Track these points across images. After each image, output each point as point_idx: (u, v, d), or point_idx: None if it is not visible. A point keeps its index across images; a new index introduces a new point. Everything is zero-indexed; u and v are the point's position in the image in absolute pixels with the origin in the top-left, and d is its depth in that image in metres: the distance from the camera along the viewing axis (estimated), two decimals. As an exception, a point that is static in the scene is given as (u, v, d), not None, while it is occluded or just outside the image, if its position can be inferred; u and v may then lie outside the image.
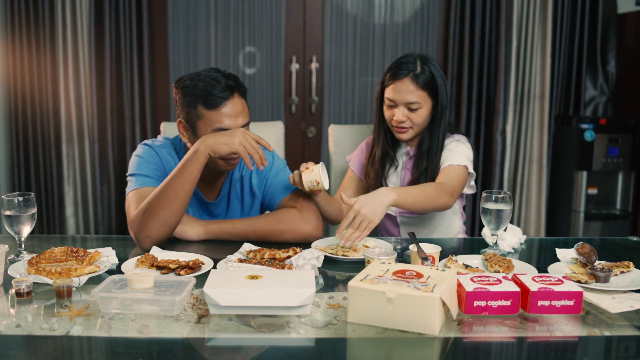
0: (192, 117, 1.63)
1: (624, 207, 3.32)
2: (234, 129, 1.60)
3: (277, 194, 1.79)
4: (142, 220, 1.56)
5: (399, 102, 1.87)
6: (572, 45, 3.35)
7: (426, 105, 1.87)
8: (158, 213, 1.55)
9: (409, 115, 1.87)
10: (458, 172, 1.84)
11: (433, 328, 1.07)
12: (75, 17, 3.06)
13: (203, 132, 1.62)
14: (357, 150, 2.14)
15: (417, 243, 1.45)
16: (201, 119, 1.62)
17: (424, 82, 1.85)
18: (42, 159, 3.15)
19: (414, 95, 1.85)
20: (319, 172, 1.60)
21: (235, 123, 1.62)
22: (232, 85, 1.62)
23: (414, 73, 1.85)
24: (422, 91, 1.85)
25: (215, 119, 1.61)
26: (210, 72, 1.64)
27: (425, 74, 1.85)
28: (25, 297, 1.22)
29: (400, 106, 1.87)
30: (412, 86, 1.84)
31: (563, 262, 1.49)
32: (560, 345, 1.08)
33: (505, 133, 3.31)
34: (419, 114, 1.87)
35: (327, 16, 3.38)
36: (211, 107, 1.60)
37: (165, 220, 1.56)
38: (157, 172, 1.71)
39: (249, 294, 1.13)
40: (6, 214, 1.46)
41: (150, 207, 1.55)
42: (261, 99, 3.43)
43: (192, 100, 1.62)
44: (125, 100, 3.16)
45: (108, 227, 3.25)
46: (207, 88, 1.60)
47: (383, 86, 1.93)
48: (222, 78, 1.62)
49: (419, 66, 1.86)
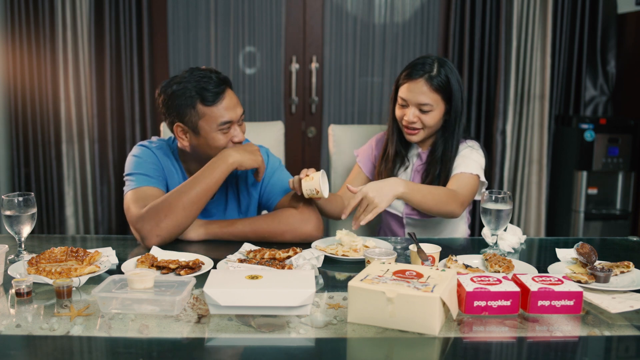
0: (191, 118, 1.63)
1: (624, 207, 3.32)
2: (250, 144, 1.71)
3: (274, 193, 1.79)
4: (154, 219, 1.56)
5: (411, 103, 1.85)
6: (572, 45, 3.35)
7: (438, 109, 1.85)
8: (176, 214, 1.56)
9: (420, 117, 1.85)
10: (470, 181, 1.82)
11: (433, 328, 1.07)
12: (75, 17, 3.06)
13: (207, 130, 1.63)
14: (366, 146, 2.11)
15: (417, 243, 1.45)
16: (202, 118, 1.62)
17: (438, 84, 1.82)
18: (42, 159, 3.15)
19: (427, 97, 1.82)
20: (318, 180, 1.60)
21: (235, 114, 1.65)
22: (223, 77, 1.65)
23: (430, 75, 1.82)
24: (436, 94, 1.83)
25: (218, 113, 1.62)
26: (194, 72, 1.64)
27: (441, 77, 1.82)
28: (25, 297, 1.22)
29: (412, 106, 1.85)
30: (426, 87, 1.82)
31: (563, 262, 1.49)
32: (560, 345, 1.08)
33: (505, 133, 3.31)
34: (431, 116, 1.84)
35: (327, 16, 3.38)
36: (211, 103, 1.61)
37: (180, 222, 1.58)
38: (156, 172, 1.71)
39: (249, 294, 1.13)
40: (6, 214, 1.46)
41: (167, 208, 1.56)
42: (261, 99, 3.43)
43: (188, 101, 1.62)
44: (125, 100, 3.16)
45: (108, 227, 3.25)
46: (201, 86, 1.61)
47: (398, 85, 1.91)
48: (211, 74, 1.64)
49: (435, 68, 1.83)
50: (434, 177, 1.90)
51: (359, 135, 2.30)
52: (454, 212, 1.75)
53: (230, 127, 1.66)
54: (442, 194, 1.74)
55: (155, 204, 1.58)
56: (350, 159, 2.26)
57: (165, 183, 1.75)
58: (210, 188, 1.61)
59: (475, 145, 1.93)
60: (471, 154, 1.88)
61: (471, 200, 1.82)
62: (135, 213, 1.59)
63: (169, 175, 1.76)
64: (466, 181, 1.82)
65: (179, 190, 1.60)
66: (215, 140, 1.65)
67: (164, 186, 1.73)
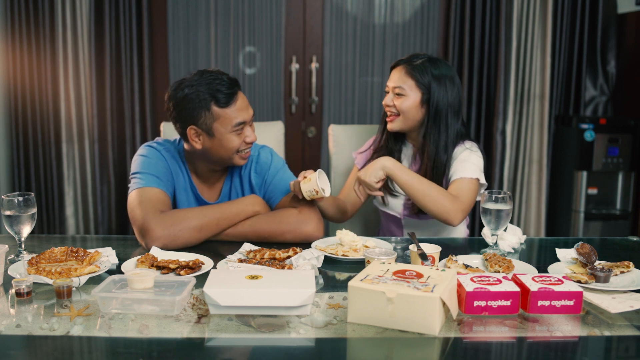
0: (206, 120, 1.63)
1: (624, 207, 3.32)
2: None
3: (276, 193, 1.79)
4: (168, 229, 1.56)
5: (390, 88, 1.90)
6: (572, 45, 3.35)
7: (413, 95, 1.86)
8: (190, 231, 1.59)
9: (394, 101, 1.88)
10: (470, 186, 1.80)
11: (433, 328, 1.07)
12: (75, 17, 3.06)
13: (222, 131, 1.64)
14: (364, 147, 2.11)
15: (417, 243, 1.45)
16: (218, 119, 1.63)
17: (415, 70, 1.86)
18: (42, 159, 3.16)
19: (401, 80, 1.87)
20: (316, 181, 1.60)
21: (248, 114, 1.68)
22: (234, 79, 1.67)
23: (410, 63, 1.87)
24: (411, 79, 1.86)
25: (233, 114, 1.64)
26: (204, 75, 1.64)
27: (422, 66, 1.86)
28: (25, 297, 1.22)
29: (390, 92, 1.91)
30: (402, 72, 1.87)
31: (563, 262, 1.49)
32: (560, 345, 1.08)
33: (505, 133, 3.31)
34: (403, 100, 1.86)
35: (327, 16, 3.38)
36: (225, 105, 1.63)
37: (190, 240, 1.60)
38: (164, 174, 1.71)
39: (249, 294, 1.13)
40: (6, 214, 1.46)
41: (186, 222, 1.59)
42: (261, 99, 3.43)
43: (202, 104, 1.62)
44: (125, 100, 3.16)
45: (108, 227, 3.25)
46: (215, 87, 1.61)
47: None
48: (222, 75, 1.65)
49: (419, 60, 1.88)
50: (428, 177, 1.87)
51: (359, 135, 2.30)
52: (448, 213, 1.71)
53: (243, 128, 1.67)
54: (432, 187, 1.72)
55: (175, 215, 1.60)
56: (350, 159, 2.26)
57: (172, 186, 1.75)
58: (231, 220, 1.66)
59: (474, 147, 1.91)
60: (470, 157, 1.86)
61: (472, 206, 1.80)
62: (143, 215, 1.58)
63: (176, 177, 1.77)
64: (466, 186, 1.80)
65: (202, 210, 1.64)
66: (229, 142, 1.66)
67: (171, 189, 1.74)
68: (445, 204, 1.71)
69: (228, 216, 1.66)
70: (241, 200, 1.73)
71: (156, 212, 1.59)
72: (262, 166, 1.80)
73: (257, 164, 1.81)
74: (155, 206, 1.61)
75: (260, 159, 1.81)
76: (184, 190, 1.78)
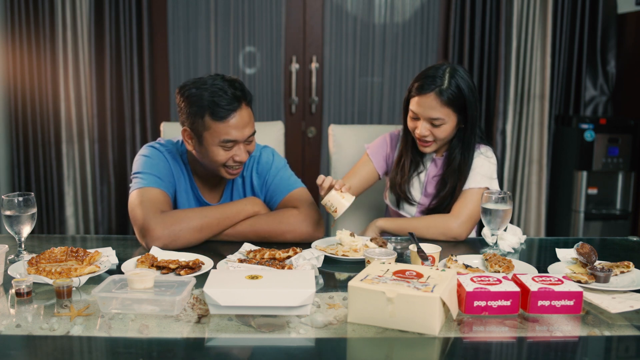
0: (198, 127, 1.62)
1: (624, 207, 3.32)
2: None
3: (277, 192, 1.78)
4: (169, 228, 1.56)
5: (422, 117, 1.80)
6: (572, 45, 3.35)
7: (450, 121, 1.80)
8: (191, 232, 1.59)
9: (432, 130, 1.81)
10: (477, 197, 1.79)
11: (433, 328, 1.07)
12: (75, 17, 3.06)
13: (209, 142, 1.62)
14: (380, 141, 2.05)
15: (417, 243, 1.45)
16: (208, 130, 1.61)
17: (449, 98, 1.77)
18: (42, 159, 3.16)
19: (438, 111, 1.78)
20: (345, 206, 1.59)
21: (242, 134, 1.62)
22: (239, 95, 1.61)
23: (440, 89, 1.76)
24: (447, 108, 1.77)
25: (223, 130, 1.60)
26: (216, 81, 1.61)
27: (452, 89, 1.76)
28: (25, 297, 1.22)
29: (423, 120, 1.81)
30: (436, 102, 1.77)
31: (563, 262, 1.49)
32: (560, 345, 1.08)
33: (505, 133, 3.31)
34: (443, 129, 1.80)
35: (327, 16, 3.38)
36: (218, 119, 1.59)
37: (191, 241, 1.60)
38: (165, 175, 1.71)
39: (249, 294, 1.13)
40: (6, 214, 1.46)
41: (186, 222, 1.59)
42: (261, 99, 3.43)
43: (199, 110, 1.60)
44: (125, 100, 3.16)
45: (108, 227, 3.25)
46: (214, 99, 1.58)
47: (409, 96, 1.85)
48: (229, 88, 1.60)
49: (446, 80, 1.77)
50: (448, 192, 1.87)
51: (359, 135, 2.30)
52: (452, 231, 1.77)
53: (233, 146, 1.63)
54: (430, 218, 1.82)
55: (176, 215, 1.60)
56: (350, 159, 2.26)
57: (174, 187, 1.75)
58: (231, 220, 1.66)
59: (489, 152, 1.89)
60: (482, 165, 1.85)
61: (479, 216, 1.77)
62: (144, 215, 1.58)
63: (177, 179, 1.76)
64: (473, 198, 1.81)
65: (202, 210, 1.65)
66: (215, 154, 1.63)
67: (172, 190, 1.73)
68: (450, 226, 1.76)
69: (228, 216, 1.66)
70: (241, 201, 1.73)
71: (157, 212, 1.59)
72: (263, 167, 1.80)
73: (259, 164, 1.81)
74: (156, 206, 1.61)
75: (262, 159, 1.81)
76: (185, 192, 1.78)
